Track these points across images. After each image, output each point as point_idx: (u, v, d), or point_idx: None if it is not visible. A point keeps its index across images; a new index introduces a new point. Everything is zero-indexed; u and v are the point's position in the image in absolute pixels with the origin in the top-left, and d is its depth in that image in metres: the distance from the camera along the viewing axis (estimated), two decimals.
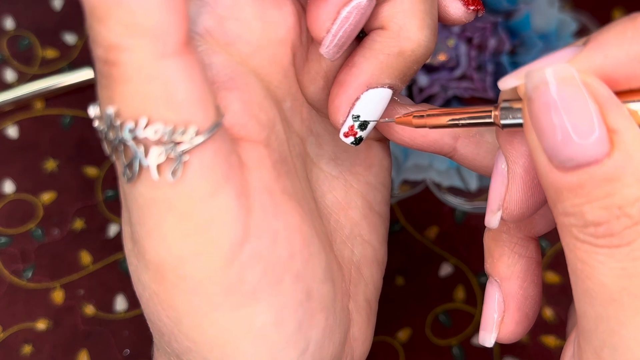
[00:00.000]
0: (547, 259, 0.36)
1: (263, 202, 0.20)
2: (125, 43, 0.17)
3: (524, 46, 0.39)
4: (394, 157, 0.37)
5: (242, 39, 0.22)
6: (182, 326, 0.20)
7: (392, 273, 0.36)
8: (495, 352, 0.35)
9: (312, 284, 0.21)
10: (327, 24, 0.21)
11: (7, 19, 0.40)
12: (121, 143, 0.18)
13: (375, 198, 0.26)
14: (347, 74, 0.22)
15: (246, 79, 0.22)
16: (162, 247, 0.19)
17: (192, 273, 0.19)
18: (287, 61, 0.23)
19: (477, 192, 0.37)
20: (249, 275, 0.20)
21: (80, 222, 0.37)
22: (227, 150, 0.19)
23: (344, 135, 0.23)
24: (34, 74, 0.39)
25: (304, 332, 0.21)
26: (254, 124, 0.21)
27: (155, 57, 0.17)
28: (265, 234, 0.20)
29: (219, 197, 0.19)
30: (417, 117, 0.22)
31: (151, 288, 0.20)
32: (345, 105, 0.22)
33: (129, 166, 0.18)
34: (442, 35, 0.39)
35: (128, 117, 0.17)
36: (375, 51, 0.22)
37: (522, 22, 0.39)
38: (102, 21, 0.17)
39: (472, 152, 0.24)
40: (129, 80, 0.17)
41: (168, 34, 0.17)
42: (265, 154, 0.21)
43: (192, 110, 0.18)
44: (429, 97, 0.38)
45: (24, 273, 0.36)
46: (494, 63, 0.38)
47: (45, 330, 0.35)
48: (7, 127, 0.38)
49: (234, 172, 0.19)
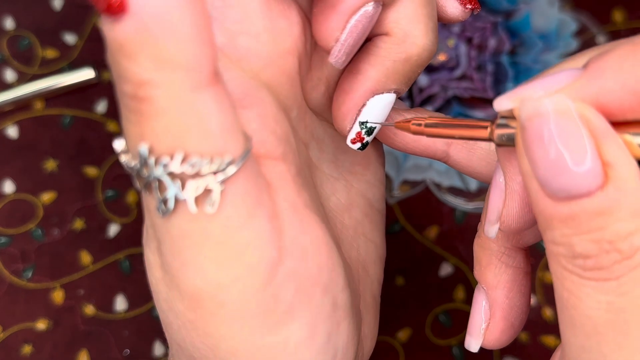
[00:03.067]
0: (547, 259, 0.36)
1: (291, 220, 0.20)
2: (157, 78, 0.16)
3: (524, 46, 0.39)
4: (394, 157, 0.37)
5: (254, 53, 0.22)
6: (220, 351, 0.20)
7: (392, 273, 0.36)
8: (495, 352, 0.35)
9: (336, 293, 0.21)
10: (336, 34, 0.21)
11: (7, 19, 0.40)
12: (155, 179, 0.18)
13: (375, 195, 0.26)
14: (352, 81, 0.22)
15: (260, 93, 0.22)
16: (199, 277, 0.19)
17: (231, 299, 0.19)
18: (294, 70, 0.23)
19: (477, 192, 0.37)
20: (284, 294, 0.19)
21: (80, 222, 0.37)
22: (256, 175, 0.19)
23: (352, 142, 0.23)
24: (34, 74, 0.39)
25: (332, 342, 0.21)
26: (273, 139, 0.21)
27: (188, 90, 0.17)
28: (296, 251, 0.20)
29: (253, 222, 0.18)
30: (416, 124, 0.22)
31: (186, 317, 0.20)
32: (352, 112, 0.22)
33: (164, 201, 0.18)
34: (442, 35, 0.39)
35: (162, 152, 0.17)
36: (381, 57, 0.22)
37: (522, 22, 0.39)
38: (132, 57, 0.16)
39: (464, 158, 0.24)
40: (162, 115, 0.17)
41: (200, 66, 0.17)
42: (285, 170, 0.21)
43: (225, 139, 0.17)
44: (429, 97, 0.38)
45: (24, 273, 0.36)
46: (494, 63, 0.38)
47: (45, 330, 0.35)
48: (7, 127, 0.38)
49: (264, 196, 0.19)
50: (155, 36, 0.16)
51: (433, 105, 0.38)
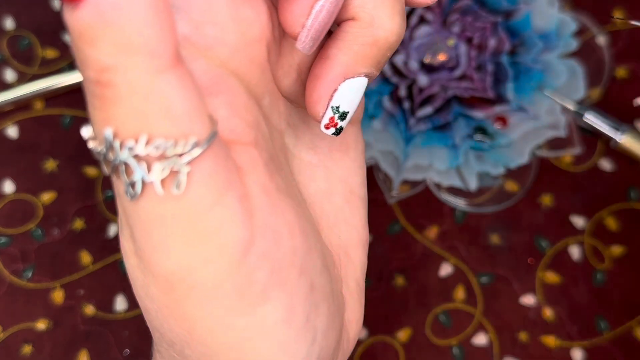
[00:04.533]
0: (547, 259, 0.36)
1: (262, 202, 0.20)
2: (119, 63, 0.17)
3: (524, 46, 0.39)
4: (394, 157, 0.37)
5: (220, 42, 0.22)
6: (196, 334, 0.20)
7: (392, 273, 0.36)
8: (495, 352, 0.35)
9: (313, 276, 0.21)
10: (301, 19, 0.21)
11: (7, 19, 0.40)
12: (122, 162, 0.18)
13: (355, 181, 0.26)
14: (322, 66, 0.22)
15: (228, 81, 0.22)
16: (170, 260, 0.19)
17: (203, 281, 0.19)
18: (263, 58, 0.23)
19: (477, 192, 0.37)
20: (258, 275, 0.20)
21: (80, 222, 0.37)
22: (224, 157, 0.19)
23: (325, 127, 0.23)
24: (34, 74, 0.39)
25: (311, 324, 0.21)
26: (243, 126, 0.21)
27: (150, 73, 0.17)
28: (268, 233, 0.20)
29: (223, 203, 0.19)
30: None
31: (161, 301, 0.20)
32: (324, 97, 0.22)
33: (131, 184, 0.18)
34: (442, 35, 0.39)
35: (127, 136, 0.17)
36: (349, 42, 0.22)
37: (522, 22, 0.39)
38: (92, 43, 0.17)
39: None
40: (125, 100, 0.17)
41: (161, 49, 0.17)
42: (256, 155, 0.21)
43: (190, 121, 0.18)
44: (429, 97, 0.38)
45: (24, 273, 0.36)
46: (494, 63, 0.38)
47: (45, 330, 0.35)
48: (7, 127, 0.38)
49: (233, 177, 0.19)
50: (112, 21, 0.16)
51: (433, 105, 0.38)
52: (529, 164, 0.37)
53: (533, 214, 0.37)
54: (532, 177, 0.37)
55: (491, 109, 0.38)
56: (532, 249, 0.37)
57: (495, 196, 0.37)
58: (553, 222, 0.37)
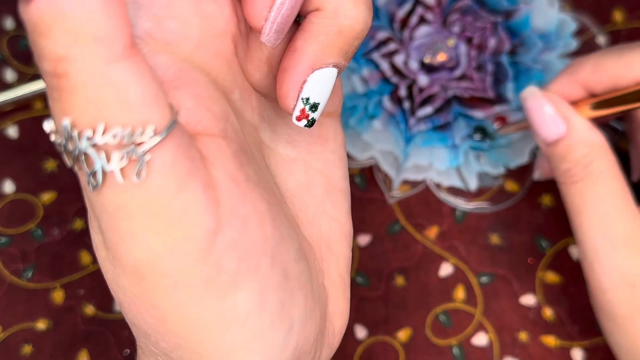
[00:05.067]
0: (547, 259, 0.36)
1: (230, 191, 0.20)
2: (72, 53, 0.17)
3: (524, 46, 0.39)
4: (394, 157, 0.37)
5: (183, 37, 0.22)
6: (168, 323, 0.20)
7: (392, 273, 0.36)
8: (495, 352, 0.35)
9: (287, 265, 0.21)
10: (264, 12, 0.21)
11: (7, 19, 0.40)
12: (81, 153, 0.18)
13: (335, 174, 0.26)
14: (290, 58, 0.22)
15: (193, 74, 0.22)
16: (137, 249, 0.19)
17: (170, 269, 0.19)
18: (230, 52, 0.23)
19: (477, 192, 0.37)
20: (227, 263, 0.20)
21: (80, 222, 0.37)
22: (186, 146, 0.19)
23: (297, 119, 0.23)
24: (34, 74, 0.39)
25: (286, 312, 0.21)
26: (209, 117, 0.21)
27: (103, 62, 0.17)
28: (236, 221, 0.20)
29: (186, 191, 0.19)
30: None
31: (132, 292, 0.20)
32: (293, 89, 0.22)
33: (92, 175, 0.18)
34: (442, 35, 0.39)
35: (85, 126, 0.18)
36: (315, 32, 0.22)
37: (522, 22, 0.39)
38: (46, 35, 0.17)
39: None
40: (81, 89, 0.17)
41: (113, 38, 0.17)
42: (224, 145, 0.21)
43: (147, 110, 0.18)
44: (429, 97, 0.38)
45: (24, 273, 0.36)
46: (494, 63, 0.38)
47: (45, 330, 0.35)
48: (7, 127, 0.38)
49: (197, 166, 0.19)
50: (64, 11, 0.16)
51: (433, 105, 0.38)
52: (529, 164, 0.37)
53: (533, 214, 0.37)
54: (532, 177, 0.37)
55: (491, 109, 0.38)
56: (532, 249, 0.37)
57: (495, 196, 0.37)
58: (553, 222, 0.37)
